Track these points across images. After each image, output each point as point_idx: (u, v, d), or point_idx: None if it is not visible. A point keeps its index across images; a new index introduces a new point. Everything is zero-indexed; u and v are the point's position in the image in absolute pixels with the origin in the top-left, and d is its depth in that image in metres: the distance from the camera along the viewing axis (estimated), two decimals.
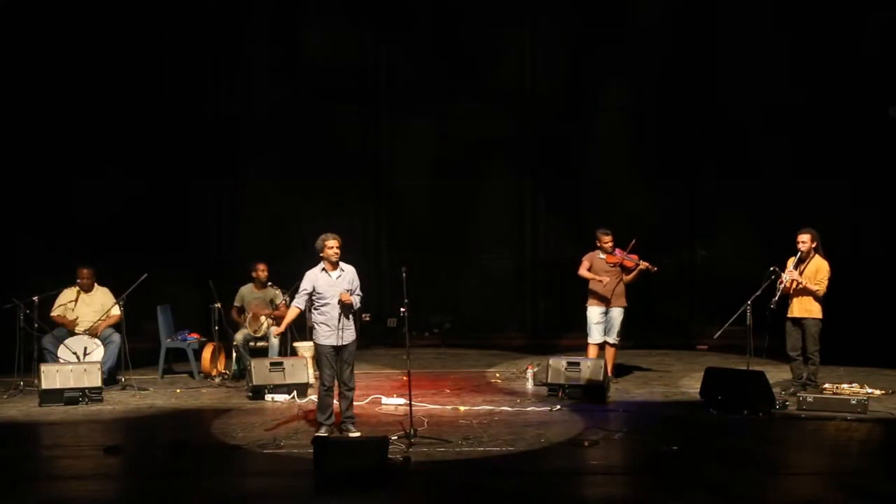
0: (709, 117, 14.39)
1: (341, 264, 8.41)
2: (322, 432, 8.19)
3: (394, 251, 14.35)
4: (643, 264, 10.45)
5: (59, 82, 13.70)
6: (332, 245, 8.33)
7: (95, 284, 10.99)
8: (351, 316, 8.36)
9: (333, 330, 8.27)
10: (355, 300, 8.36)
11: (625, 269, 10.53)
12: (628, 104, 14.56)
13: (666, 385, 10.72)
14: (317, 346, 8.45)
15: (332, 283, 8.32)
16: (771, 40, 14.17)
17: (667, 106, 14.48)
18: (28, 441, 8.58)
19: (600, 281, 10.43)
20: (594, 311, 10.58)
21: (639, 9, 14.44)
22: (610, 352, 10.62)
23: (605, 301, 10.50)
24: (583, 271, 10.59)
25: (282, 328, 8.86)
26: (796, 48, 14.06)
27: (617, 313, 10.57)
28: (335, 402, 8.47)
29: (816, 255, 9.68)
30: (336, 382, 8.38)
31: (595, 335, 10.58)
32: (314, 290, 8.33)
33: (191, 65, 14.30)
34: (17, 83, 13.55)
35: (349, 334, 8.34)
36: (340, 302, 8.23)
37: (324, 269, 8.37)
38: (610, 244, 10.56)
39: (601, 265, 10.54)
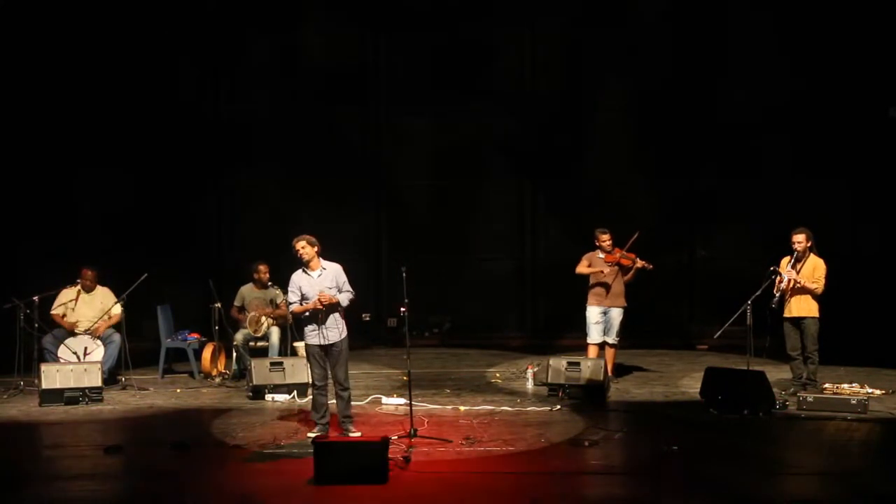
0: (709, 117, 14.39)
1: (323, 263, 8.35)
2: (315, 431, 8.18)
3: (394, 251, 14.34)
4: (640, 262, 10.46)
5: (60, 82, 13.70)
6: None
7: (97, 285, 11.00)
8: (338, 315, 8.29)
9: (317, 329, 8.24)
10: (342, 298, 8.28)
11: (623, 269, 10.54)
12: (628, 104, 14.55)
13: (666, 385, 10.72)
14: (305, 346, 8.45)
15: (312, 282, 8.28)
16: (771, 40, 14.17)
17: (667, 106, 14.47)
18: (28, 441, 8.58)
19: (601, 271, 10.43)
20: (593, 311, 10.58)
21: (639, 8, 14.45)
22: (609, 352, 10.62)
23: (605, 301, 10.51)
24: (580, 268, 10.59)
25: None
26: (796, 48, 14.05)
27: (616, 313, 10.57)
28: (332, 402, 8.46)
29: (812, 254, 9.71)
30: (331, 382, 8.36)
31: (594, 335, 10.58)
32: (300, 289, 8.32)
33: (191, 65, 14.32)
34: (20, 83, 13.55)
35: (334, 333, 8.23)
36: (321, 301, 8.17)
37: (304, 269, 8.36)
38: (609, 243, 10.56)
39: (600, 264, 10.54)
